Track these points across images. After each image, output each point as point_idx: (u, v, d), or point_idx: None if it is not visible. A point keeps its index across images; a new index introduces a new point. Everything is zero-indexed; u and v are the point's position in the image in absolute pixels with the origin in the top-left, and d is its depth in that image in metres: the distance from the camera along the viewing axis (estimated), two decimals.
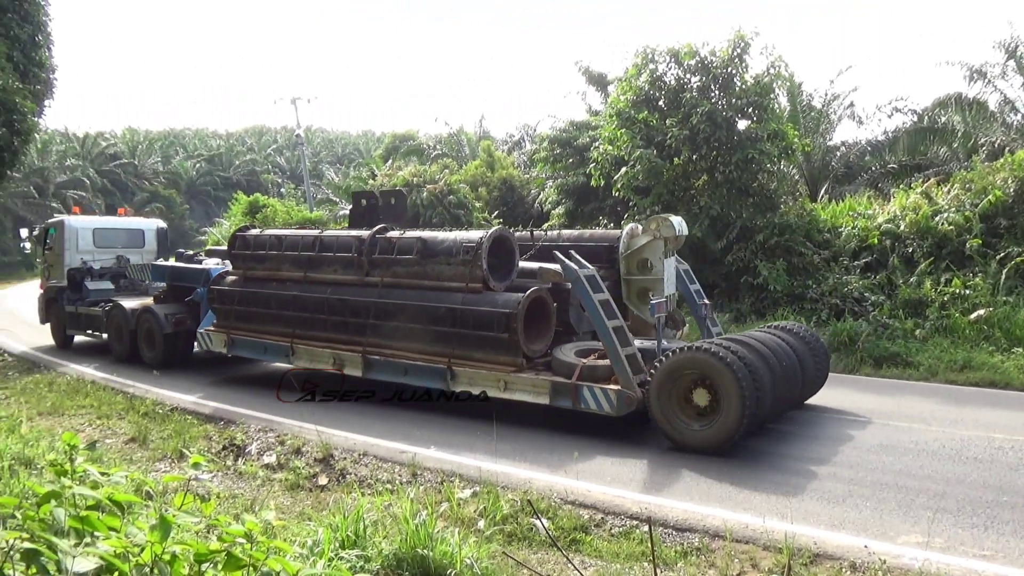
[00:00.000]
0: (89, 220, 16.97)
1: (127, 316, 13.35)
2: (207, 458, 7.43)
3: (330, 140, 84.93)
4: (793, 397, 8.11)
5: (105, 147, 61.97)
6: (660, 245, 9.28)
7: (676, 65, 15.92)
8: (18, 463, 6.26)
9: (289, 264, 10.63)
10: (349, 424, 8.52)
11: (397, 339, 9.24)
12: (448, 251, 9.00)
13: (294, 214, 29.75)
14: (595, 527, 5.65)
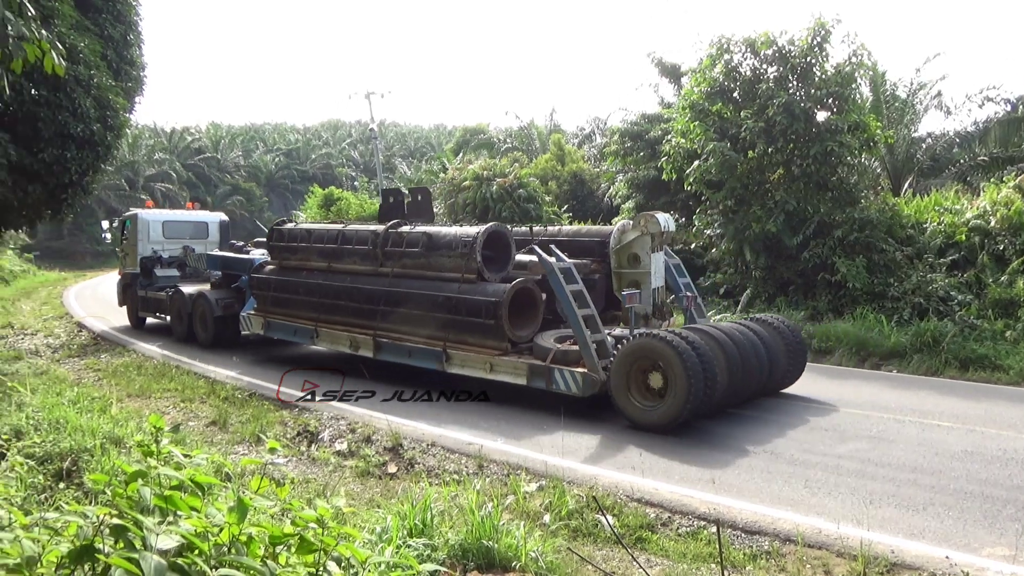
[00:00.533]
0: (159, 213, 18.56)
1: (185, 300, 14.76)
2: (282, 443, 7.68)
3: (403, 134, 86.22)
4: (756, 384, 8.59)
5: (190, 142, 64.51)
6: (647, 240, 9.70)
7: (752, 55, 15.50)
8: (109, 442, 6.61)
9: (316, 255, 11.68)
10: (418, 414, 8.66)
11: (403, 324, 10.09)
12: (449, 245, 9.70)
13: (367, 207, 30.37)
14: (662, 526, 5.59)
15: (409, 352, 9.99)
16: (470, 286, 9.36)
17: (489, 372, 9.06)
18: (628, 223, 10.03)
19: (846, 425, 7.94)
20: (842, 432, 7.70)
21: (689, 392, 7.46)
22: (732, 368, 8.04)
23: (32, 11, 6.15)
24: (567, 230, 11.49)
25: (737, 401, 8.59)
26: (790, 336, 9.33)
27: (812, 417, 8.34)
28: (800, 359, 9.36)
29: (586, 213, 25.24)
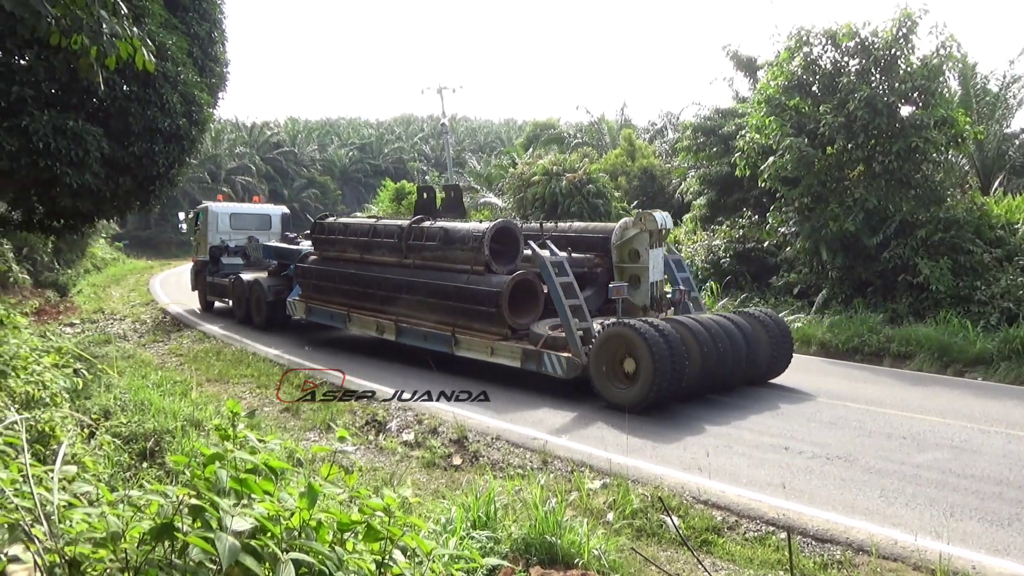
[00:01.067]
0: (227, 206, 20.09)
1: (244, 286, 16.14)
2: (351, 432, 7.85)
3: (473, 129, 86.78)
4: (734, 371, 9.14)
5: (269, 136, 66.48)
6: (646, 237, 10.33)
7: (833, 47, 14.96)
8: (189, 424, 6.89)
9: (351, 247, 12.72)
10: (482, 408, 8.71)
11: (420, 310, 11.04)
12: (462, 239, 10.52)
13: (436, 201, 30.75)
14: (728, 529, 5.47)
15: (425, 336, 10.94)
16: (478, 277, 10.15)
17: (490, 355, 9.94)
18: (629, 221, 10.64)
19: (926, 433, 7.61)
20: (921, 440, 7.38)
21: (655, 375, 8.12)
22: (706, 355, 8.65)
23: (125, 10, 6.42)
24: (576, 226, 12.04)
25: (715, 387, 9.15)
26: (774, 328, 9.82)
27: (889, 424, 8.03)
28: (786, 350, 9.87)
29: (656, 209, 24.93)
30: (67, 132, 11.50)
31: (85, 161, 11.79)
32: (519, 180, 25.33)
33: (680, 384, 8.37)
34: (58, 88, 11.90)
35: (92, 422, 6.13)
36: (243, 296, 16.20)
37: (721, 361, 8.88)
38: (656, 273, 10.42)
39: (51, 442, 4.55)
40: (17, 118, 11.27)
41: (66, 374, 6.03)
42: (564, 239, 11.12)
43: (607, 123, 35.94)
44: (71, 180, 11.77)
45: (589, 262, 10.85)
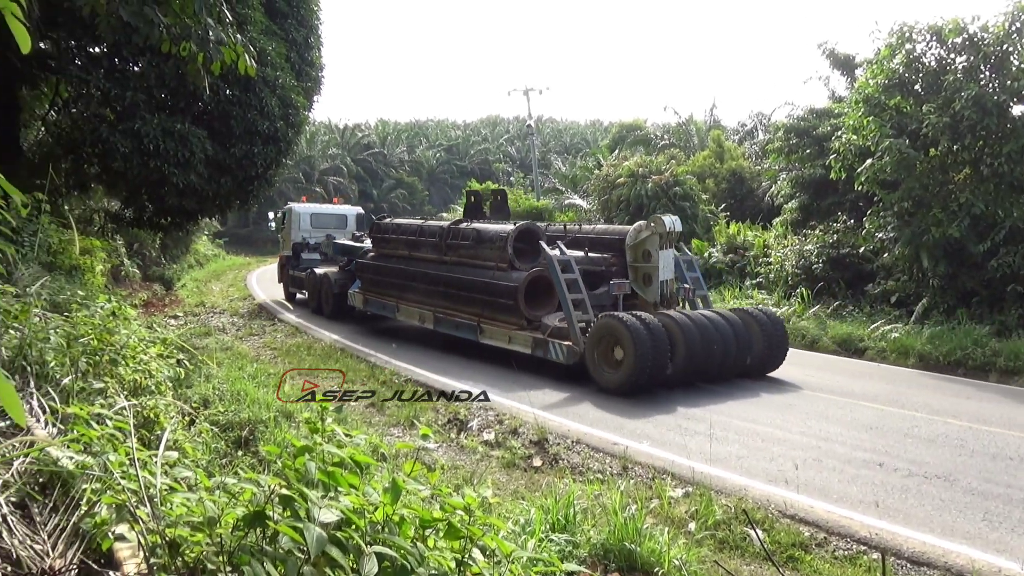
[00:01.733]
0: (309, 207, 21.88)
1: (316, 279, 17.67)
2: (433, 429, 7.98)
3: (559, 130, 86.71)
4: (723, 362, 9.92)
5: (360, 137, 68.34)
6: (656, 239, 11.08)
7: (938, 44, 14.19)
8: (281, 415, 7.16)
9: (402, 245, 14.16)
10: (564, 411, 8.70)
11: (454, 302, 12.36)
12: (491, 239, 11.70)
13: (522, 202, 30.81)
14: (816, 546, 5.27)
15: (456, 325, 12.22)
16: (502, 273, 11.37)
17: (508, 343, 11.08)
18: (643, 224, 11.43)
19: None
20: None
21: (636, 362, 9.06)
22: (691, 346, 9.54)
23: (230, 18, 6.73)
24: (597, 228, 13.03)
25: (705, 377, 9.90)
26: (768, 324, 10.54)
27: (995, 443, 7.55)
28: (780, 344, 10.59)
29: (744, 213, 24.25)
30: (175, 134, 12.16)
31: (190, 162, 12.43)
32: (604, 182, 25.17)
33: (663, 371, 9.30)
34: (167, 93, 12.60)
35: (192, 410, 6.45)
36: (316, 288, 17.73)
37: (708, 352, 9.72)
38: (666, 272, 11.19)
39: (155, 428, 4.81)
40: (130, 121, 11.99)
41: (170, 364, 6.36)
42: (587, 240, 12.11)
43: (695, 124, 35.25)
44: (178, 180, 12.44)
45: (605, 261, 11.64)
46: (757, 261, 19.11)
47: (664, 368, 9.27)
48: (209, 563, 2.47)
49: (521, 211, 29.36)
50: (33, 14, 9.70)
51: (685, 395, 9.42)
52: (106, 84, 11.89)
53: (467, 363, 11.57)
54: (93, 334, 5.23)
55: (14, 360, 4.55)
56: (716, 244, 20.88)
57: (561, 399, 8.64)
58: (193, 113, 12.94)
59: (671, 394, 9.15)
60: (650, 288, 11.20)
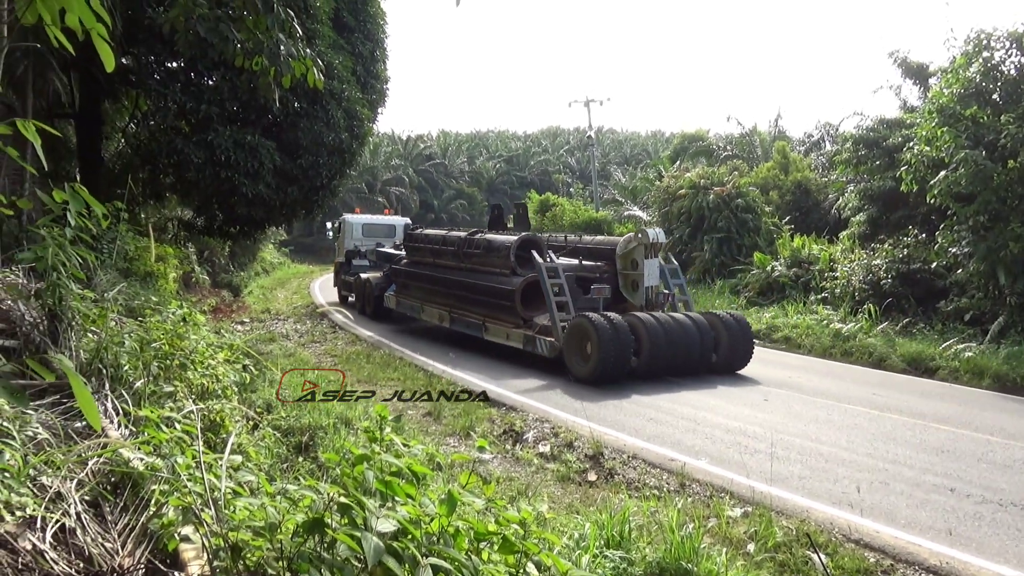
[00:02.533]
0: (361, 217, 24.02)
1: (362, 283, 19.44)
2: (489, 440, 7.99)
3: (619, 141, 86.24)
4: (689, 359, 11.29)
5: (422, 149, 69.27)
6: (642, 249, 12.38)
7: (1018, 51, 13.60)
8: (340, 422, 7.28)
9: (429, 253, 15.92)
10: (620, 424, 8.61)
11: (466, 304, 14.05)
12: (498, 248, 13.43)
13: (580, 214, 30.75)
14: (882, 573, 5.06)
15: (467, 324, 13.92)
16: (505, 278, 13.02)
17: (507, 340, 12.74)
18: (632, 235, 12.84)
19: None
20: None
21: (602, 355, 10.47)
22: (655, 343, 10.90)
23: (300, 32, 6.92)
24: (593, 239, 14.62)
25: (671, 370, 11.12)
26: (735, 326, 11.82)
27: None
28: (746, 345, 11.88)
29: (809, 226, 23.64)
30: (245, 146, 12.54)
31: (260, 172, 12.80)
32: (665, 193, 24.92)
33: (626, 364, 10.70)
34: (239, 106, 13.01)
35: (256, 415, 6.62)
36: (361, 291, 19.53)
37: (672, 349, 11.06)
38: (651, 279, 12.43)
39: (221, 431, 4.95)
40: (204, 133, 12.43)
41: (236, 369, 6.54)
42: (584, 250, 13.66)
43: (759, 135, 34.59)
44: (247, 190, 12.81)
45: (599, 269, 13.02)
46: (822, 276, 18.60)
47: (626, 361, 10.72)
48: (270, 568, 2.52)
49: (580, 223, 29.29)
50: (116, 32, 10.18)
51: (739, 410, 9.29)
52: (182, 97, 12.34)
53: (519, 369, 11.58)
54: (165, 339, 5.43)
55: (91, 363, 4.75)
56: (779, 257, 20.41)
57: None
58: (263, 125, 13.32)
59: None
60: (636, 293, 12.55)
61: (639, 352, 10.93)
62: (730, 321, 11.93)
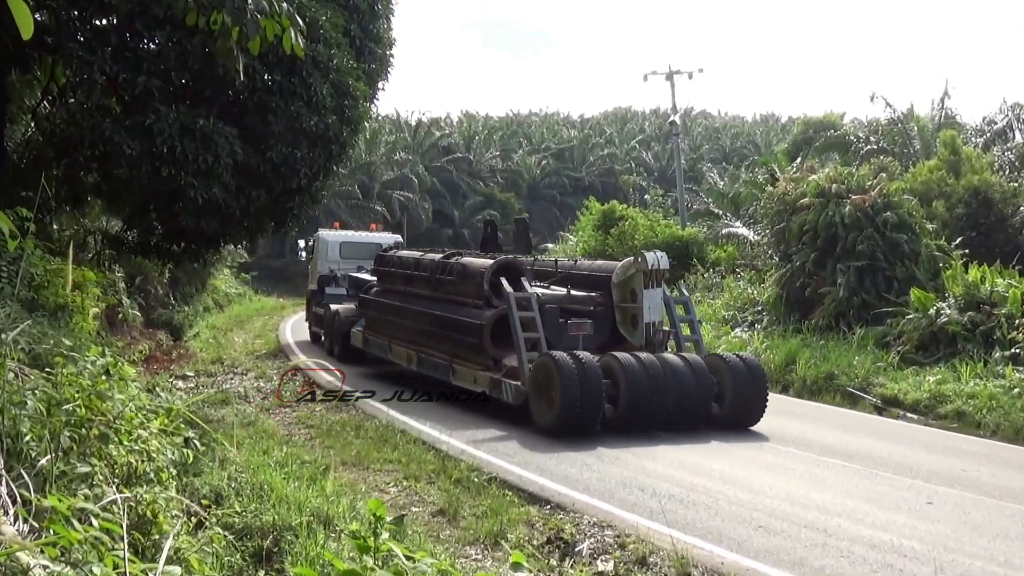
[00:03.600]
0: (340, 234, 26.56)
1: (330, 316, 21.30)
2: (527, 552, 7.93)
3: (715, 129, 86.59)
4: (678, 408, 12.64)
5: (438, 138, 70.35)
6: (641, 277, 13.95)
7: None
8: (317, 520, 7.30)
9: (400, 280, 17.96)
10: (714, 534, 8.49)
11: (435, 341, 16.00)
12: (473, 274, 15.05)
13: (659, 231, 30.83)
14: None
15: (436, 366, 15.84)
16: (476, 311, 14.63)
17: (474, 384, 14.45)
18: (630, 260, 14.50)
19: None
20: None
21: (565, 402, 11.95)
22: (634, 389, 12.30)
23: None
24: (588, 264, 16.66)
25: (652, 422, 12.59)
26: (744, 372, 13.24)
27: None
28: (759, 396, 13.27)
29: (992, 251, 23.28)
30: (196, 133, 12.77)
31: (214, 169, 13.01)
32: (780, 203, 24.77)
33: (595, 412, 12.22)
34: (189, 79, 13.33)
35: (201, 508, 6.68)
36: (330, 327, 21.44)
37: (658, 397, 12.43)
38: (652, 313, 13.90)
39: (153, 530, 5.01)
40: (141, 115, 12.68)
41: (175, 443, 6.61)
42: (578, 277, 15.60)
43: (917, 120, 34.39)
44: (197, 193, 13.01)
45: (592, 300, 14.67)
46: (1012, 323, 18.23)
47: (597, 410, 12.20)
48: None
49: (659, 243, 29.33)
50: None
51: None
52: (113, 67, 12.56)
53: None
54: (80, 399, 5.52)
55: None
56: (948, 296, 20.06)
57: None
58: (220, 105, 13.57)
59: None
60: (636, 330, 13.98)
61: (616, 400, 12.41)
62: (737, 365, 13.41)
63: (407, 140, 68.41)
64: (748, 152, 71.31)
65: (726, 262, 29.75)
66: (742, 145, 78.08)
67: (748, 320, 23.98)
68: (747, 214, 32.31)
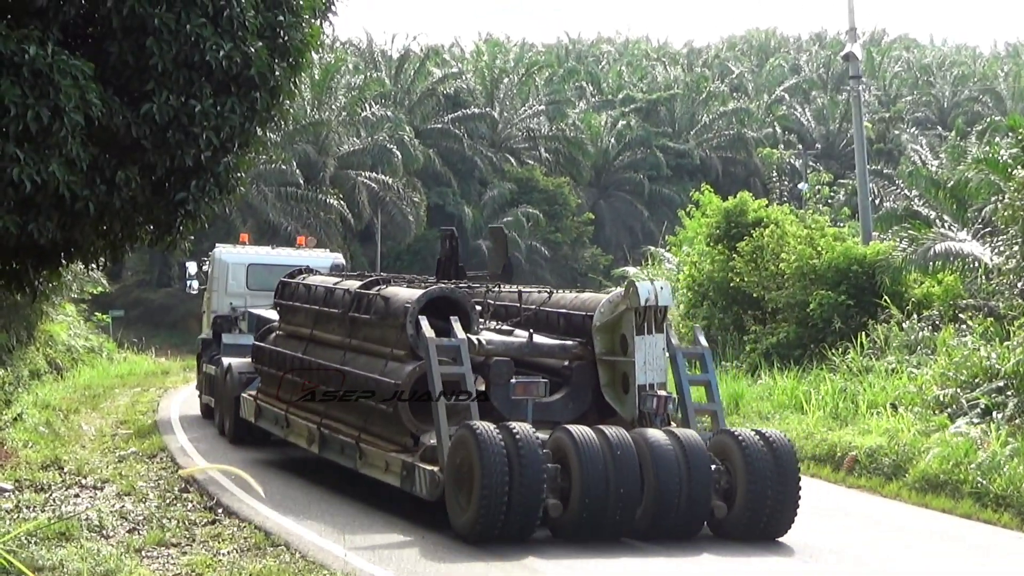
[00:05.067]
0: (245, 254, 28.86)
1: (222, 376, 23.72)
2: None
3: (923, 67, 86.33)
4: (652, 507, 13.65)
5: (439, 80, 70.40)
6: (631, 317, 15.27)
7: None
8: None
9: (307, 319, 20.00)
10: None
11: (341, 411, 17.69)
12: (395, 312, 16.36)
13: (824, 246, 30.53)
14: None
15: (341, 447, 17.42)
16: (395, 365, 16.02)
17: (384, 472, 15.92)
18: (619, 294, 15.93)
19: None
20: None
21: (485, 495, 13.03)
22: (588, 480, 13.22)
23: None
24: (576, 300, 17.81)
25: (616, 527, 13.66)
26: (763, 457, 14.20)
27: None
28: (787, 491, 14.24)
29: None
30: (21, 71, 12.86)
31: (52, 132, 13.05)
32: None
33: (532, 512, 13.28)
34: None
35: None
36: (221, 391, 23.91)
37: (627, 491, 13.44)
38: (649, 372, 15.11)
39: None
40: None
41: None
42: (554, 317, 17.35)
43: None
44: (21, 173, 13.06)
45: (567, 351, 16.35)
46: None
47: (533, 508, 13.28)
48: None
49: (823, 266, 29.19)
50: None
51: None
52: None
53: None
54: None
55: None
56: None
57: None
58: (64, 22, 13.69)
59: None
60: (628, 396, 15.30)
61: (567, 495, 13.46)
62: (756, 448, 14.37)
63: (385, 85, 68.68)
64: (983, 109, 71.13)
65: (942, 302, 29.13)
66: (971, 96, 77.76)
67: (981, 405, 23.30)
68: (980, 217, 32.00)
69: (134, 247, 17.24)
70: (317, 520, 16.63)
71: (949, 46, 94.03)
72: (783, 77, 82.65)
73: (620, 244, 65.19)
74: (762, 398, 26.81)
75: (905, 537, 16.10)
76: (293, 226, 49.25)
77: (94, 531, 15.28)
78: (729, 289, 32.91)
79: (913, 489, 18.68)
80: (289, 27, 15.00)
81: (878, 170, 45.73)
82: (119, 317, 50.14)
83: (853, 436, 21.67)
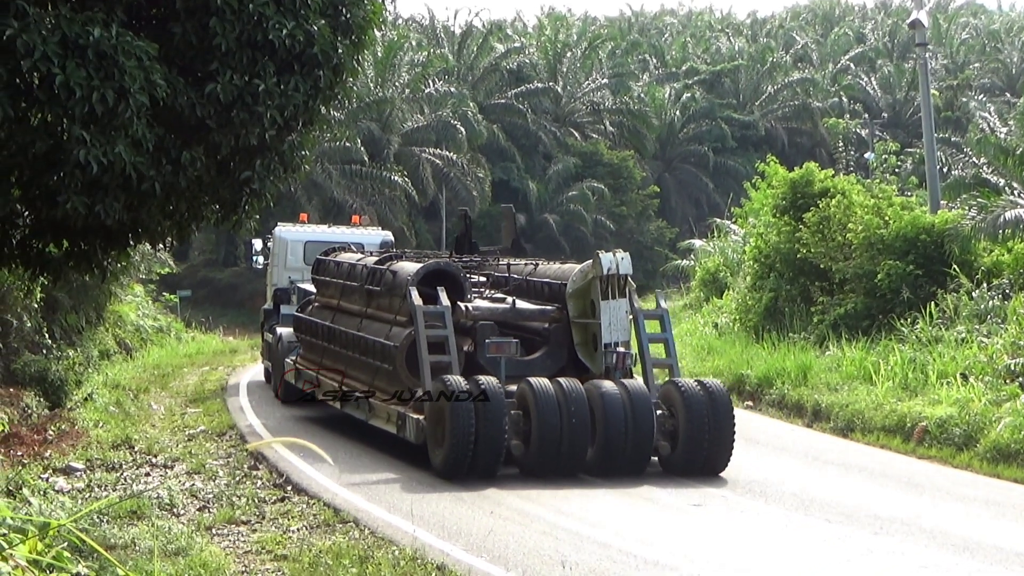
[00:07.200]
0: (303, 231, 32.26)
1: (274, 344, 27.23)
2: None
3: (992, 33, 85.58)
4: (602, 446, 16.86)
5: (502, 56, 70.38)
6: (597, 284, 17.97)
7: None
8: None
9: (337, 292, 23.36)
10: None
11: (359, 371, 20.78)
12: (399, 284, 19.32)
13: (892, 215, 30.27)
14: None
15: (358, 403, 20.46)
16: (398, 330, 19.16)
17: (386, 422, 19.15)
18: (588, 264, 18.54)
19: None
20: None
21: (455, 438, 16.21)
22: (544, 423, 16.34)
23: None
24: (557, 270, 20.78)
25: (571, 464, 16.81)
26: (703, 402, 17.18)
27: None
28: (723, 433, 17.20)
29: None
30: (87, 52, 12.89)
31: (118, 113, 13.08)
32: None
33: (496, 452, 16.49)
34: None
35: None
36: (274, 357, 26.97)
37: (578, 433, 16.55)
38: (614, 332, 17.85)
39: None
40: None
41: None
42: (537, 286, 20.48)
43: None
44: (88, 154, 13.08)
45: (546, 315, 19.28)
46: None
47: (497, 449, 16.49)
48: None
49: (890, 236, 28.97)
50: None
51: None
52: None
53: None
54: None
55: None
56: None
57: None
58: (127, 5, 13.71)
59: None
60: (597, 354, 18.12)
61: (528, 436, 16.69)
62: (695, 395, 17.50)
63: (448, 61, 68.67)
64: None
65: (1012, 270, 28.85)
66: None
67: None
68: None
69: (200, 227, 17.30)
70: (386, 495, 16.72)
71: (1017, 11, 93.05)
72: (848, 46, 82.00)
73: (686, 217, 64.96)
74: (830, 369, 26.78)
75: (973, 507, 16.43)
76: (358, 203, 49.32)
77: (165, 509, 15.42)
78: (796, 260, 32.75)
79: (984, 459, 18.76)
80: (351, 5, 14.98)
81: (946, 138, 45.33)
82: (187, 297, 50.45)
83: (923, 407, 21.75)
